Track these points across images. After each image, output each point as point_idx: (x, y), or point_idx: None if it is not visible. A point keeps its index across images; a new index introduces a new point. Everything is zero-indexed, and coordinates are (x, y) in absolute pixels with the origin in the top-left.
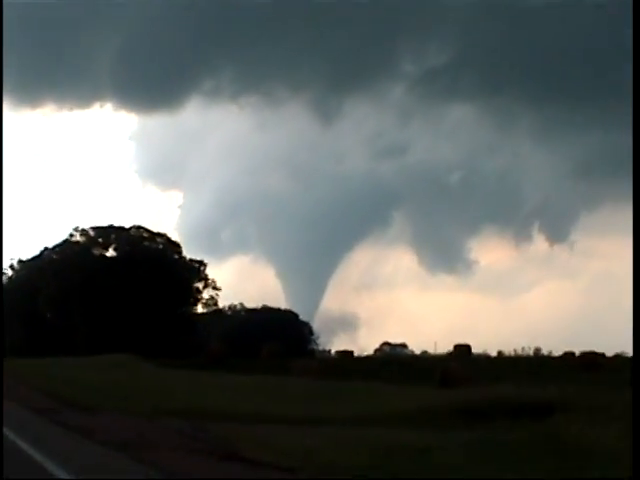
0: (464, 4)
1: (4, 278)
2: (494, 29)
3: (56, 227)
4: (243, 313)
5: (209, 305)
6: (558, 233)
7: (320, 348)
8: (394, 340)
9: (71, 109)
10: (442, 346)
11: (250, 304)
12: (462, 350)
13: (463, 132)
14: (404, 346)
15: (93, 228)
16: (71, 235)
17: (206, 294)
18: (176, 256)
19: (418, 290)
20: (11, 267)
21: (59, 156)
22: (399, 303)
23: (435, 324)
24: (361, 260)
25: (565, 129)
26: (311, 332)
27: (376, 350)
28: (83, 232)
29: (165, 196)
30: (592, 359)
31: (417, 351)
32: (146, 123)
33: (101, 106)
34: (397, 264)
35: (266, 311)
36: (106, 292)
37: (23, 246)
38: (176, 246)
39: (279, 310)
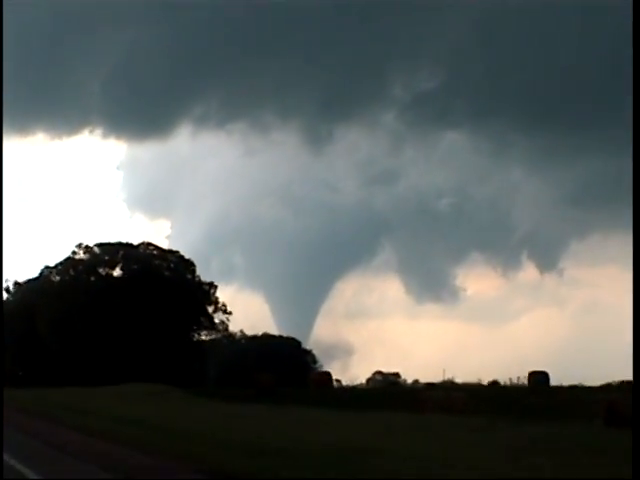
0: (456, 30)
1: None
2: (485, 56)
3: (31, 261)
4: (243, 341)
5: (219, 330)
6: (548, 261)
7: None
8: (386, 369)
9: (60, 137)
10: (432, 376)
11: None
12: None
13: (454, 159)
14: (397, 375)
15: (98, 245)
16: (74, 253)
17: (216, 318)
18: (189, 276)
19: (407, 318)
20: (6, 290)
21: (46, 185)
22: (388, 332)
23: (424, 353)
24: (351, 289)
25: (557, 157)
26: (314, 360)
27: (368, 379)
28: (87, 249)
29: (153, 225)
30: None
31: (409, 380)
32: (135, 151)
33: (90, 132)
34: (387, 292)
35: (267, 338)
36: (112, 315)
37: (18, 268)
38: (189, 265)
39: (281, 337)
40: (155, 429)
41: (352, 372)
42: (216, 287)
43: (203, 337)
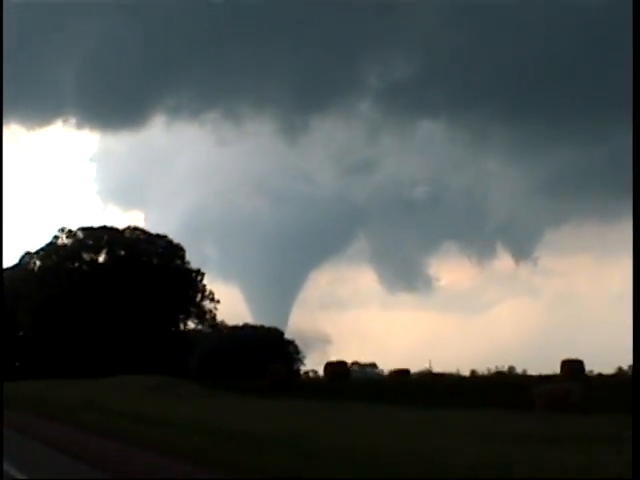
0: (431, 19)
1: None
2: (460, 46)
3: (7, 249)
4: (225, 331)
5: (206, 320)
6: (522, 251)
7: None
8: (362, 359)
9: (33, 128)
10: (407, 366)
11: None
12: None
13: (430, 149)
14: (374, 366)
15: (82, 229)
16: (56, 237)
17: (203, 307)
18: (178, 261)
19: (381, 308)
20: None
21: (19, 177)
22: (362, 322)
23: (399, 343)
24: (325, 279)
25: (532, 147)
26: (297, 351)
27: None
28: (70, 234)
29: (127, 217)
30: None
31: (386, 371)
32: (108, 142)
33: (64, 122)
34: (361, 282)
35: (249, 329)
36: (97, 304)
37: None
38: (179, 250)
39: (262, 328)
40: (215, 435)
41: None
42: (203, 274)
43: (190, 326)
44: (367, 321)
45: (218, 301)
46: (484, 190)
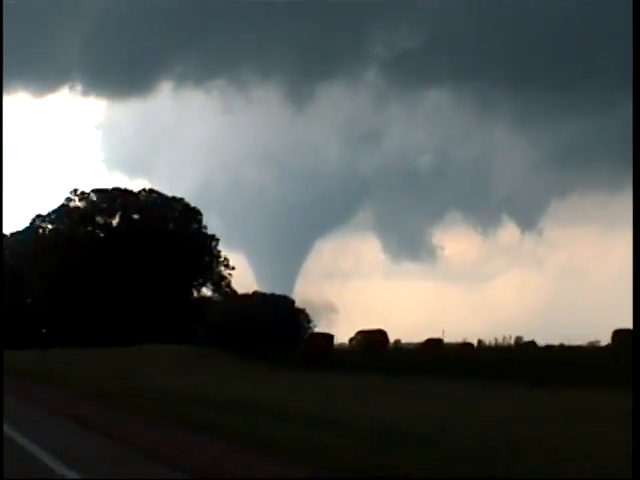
0: None
1: None
2: (468, 13)
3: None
4: (234, 299)
5: (221, 287)
6: (528, 221)
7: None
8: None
9: (40, 95)
10: (412, 336)
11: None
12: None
13: (437, 118)
14: None
15: (95, 191)
16: (68, 200)
17: (217, 273)
18: (195, 225)
19: (385, 278)
20: None
21: (23, 144)
22: (367, 291)
23: (403, 313)
24: (331, 248)
25: (540, 117)
26: (308, 319)
27: (351, 339)
28: (83, 195)
29: (132, 185)
30: None
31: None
32: (115, 109)
33: (70, 89)
34: (366, 252)
35: (259, 296)
36: (111, 270)
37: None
38: (196, 213)
39: (273, 295)
40: (311, 425)
41: (335, 332)
42: (218, 240)
43: (205, 293)
44: (371, 290)
45: (233, 268)
46: (490, 160)
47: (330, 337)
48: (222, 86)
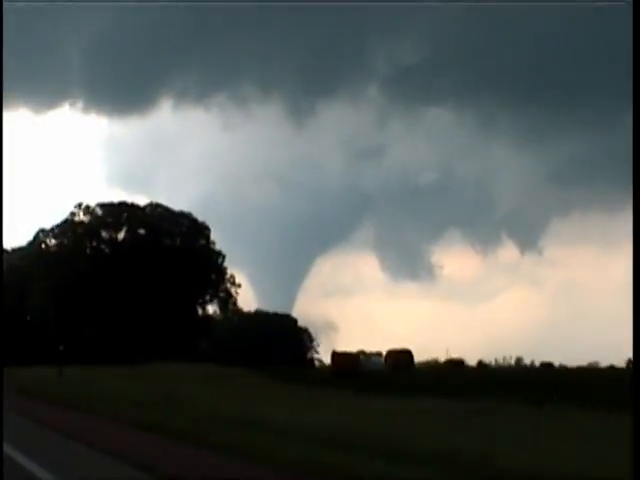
0: (439, 3)
1: None
2: (469, 30)
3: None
4: (236, 319)
5: (227, 305)
6: (528, 240)
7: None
8: (367, 348)
9: (41, 111)
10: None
11: None
12: None
13: (438, 135)
14: (380, 355)
15: (101, 205)
16: (72, 214)
17: (223, 291)
18: (203, 241)
19: (385, 297)
20: None
21: (24, 161)
22: (366, 310)
23: (402, 332)
24: (330, 266)
25: (541, 135)
26: (310, 339)
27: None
28: (87, 210)
29: (131, 201)
30: None
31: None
32: (115, 126)
33: (71, 105)
34: (365, 270)
35: (262, 316)
36: (116, 287)
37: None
38: (203, 229)
39: (276, 315)
40: (397, 459)
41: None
42: (224, 257)
43: (209, 311)
44: (370, 309)
45: (239, 285)
46: (491, 177)
47: (356, 356)
48: (222, 102)
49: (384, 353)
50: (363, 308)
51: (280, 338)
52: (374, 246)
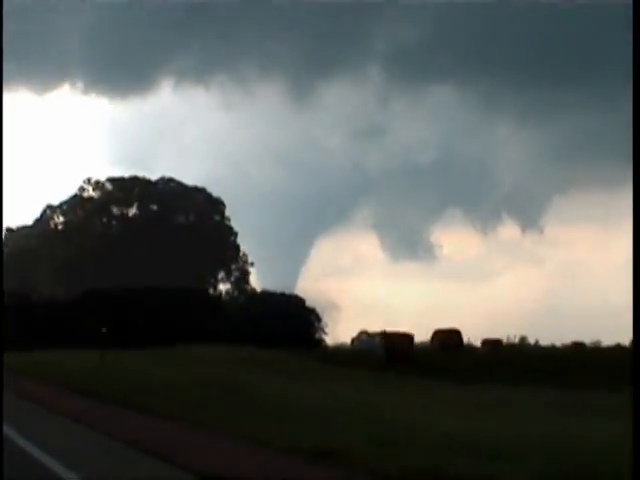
0: None
1: None
2: (472, 8)
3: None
4: (242, 299)
5: (241, 283)
6: (528, 218)
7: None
8: (369, 328)
9: (40, 92)
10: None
11: None
12: None
13: (439, 114)
14: (381, 335)
15: (111, 180)
16: (82, 189)
17: (237, 270)
18: (217, 217)
19: (385, 277)
20: None
21: (25, 143)
22: (366, 290)
23: (404, 312)
24: (331, 246)
25: (544, 113)
26: (318, 318)
27: (353, 339)
28: (97, 185)
29: None
30: None
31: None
32: (115, 107)
33: (71, 86)
34: (366, 250)
35: (267, 295)
36: (127, 265)
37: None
38: (218, 204)
39: (283, 295)
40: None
41: (337, 331)
42: (236, 234)
43: (222, 290)
44: (370, 289)
45: (252, 264)
46: (492, 156)
47: (410, 337)
48: (222, 81)
49: (383, 333)
50: (363, 288)
51: (289, 318)
52: (374, 225)
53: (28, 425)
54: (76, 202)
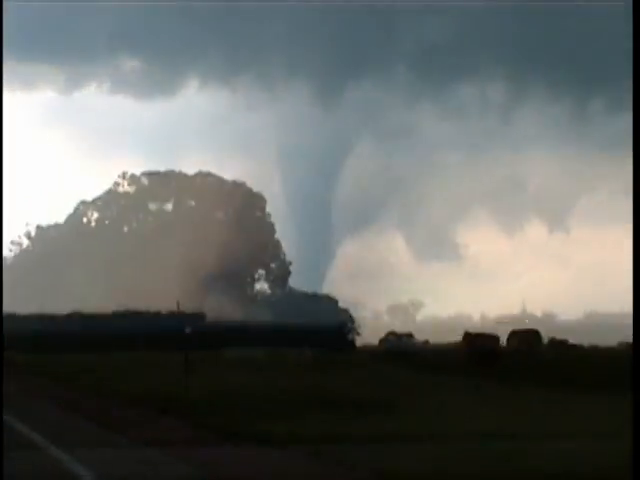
0: None
1: (17, 250)
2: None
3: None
4: (273, 299)
5: (278, 283)
6: (555, 219)
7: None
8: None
9: (66, 92)
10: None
11: None
12: None
13: (466, 113)
14: (410, 336)
15: (147, 174)
16: (116, 184)
17: (276, 268)
18: (258, 213)
19: (411, 276)
20: (27, 236)
21: (50, 141)
22: (392, 290)
23: (431, 313)
24: (357, 246)
25: (571, 114)
26: (352, 319)
27: (381, 340)
28: (133, 180)
29: None
30: None
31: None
32: (141, 108)
33: (98, 87)
34: (391, 250)
35: (301, 297)
36: (165, 262)
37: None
38: (258, 199)
39: (315, 295)
40: None
41: (365, 332)
42: (275, 231)
43: (260, 287)
44: (396, 289)
45: (290, 263)
46: (519, 156)
47: (496, 338)
48: (248, 82)
49: (414, 334)
50: (389, 288)
51: (325, 318)
52: (399, 225)
53: None
54: (110, 197)
